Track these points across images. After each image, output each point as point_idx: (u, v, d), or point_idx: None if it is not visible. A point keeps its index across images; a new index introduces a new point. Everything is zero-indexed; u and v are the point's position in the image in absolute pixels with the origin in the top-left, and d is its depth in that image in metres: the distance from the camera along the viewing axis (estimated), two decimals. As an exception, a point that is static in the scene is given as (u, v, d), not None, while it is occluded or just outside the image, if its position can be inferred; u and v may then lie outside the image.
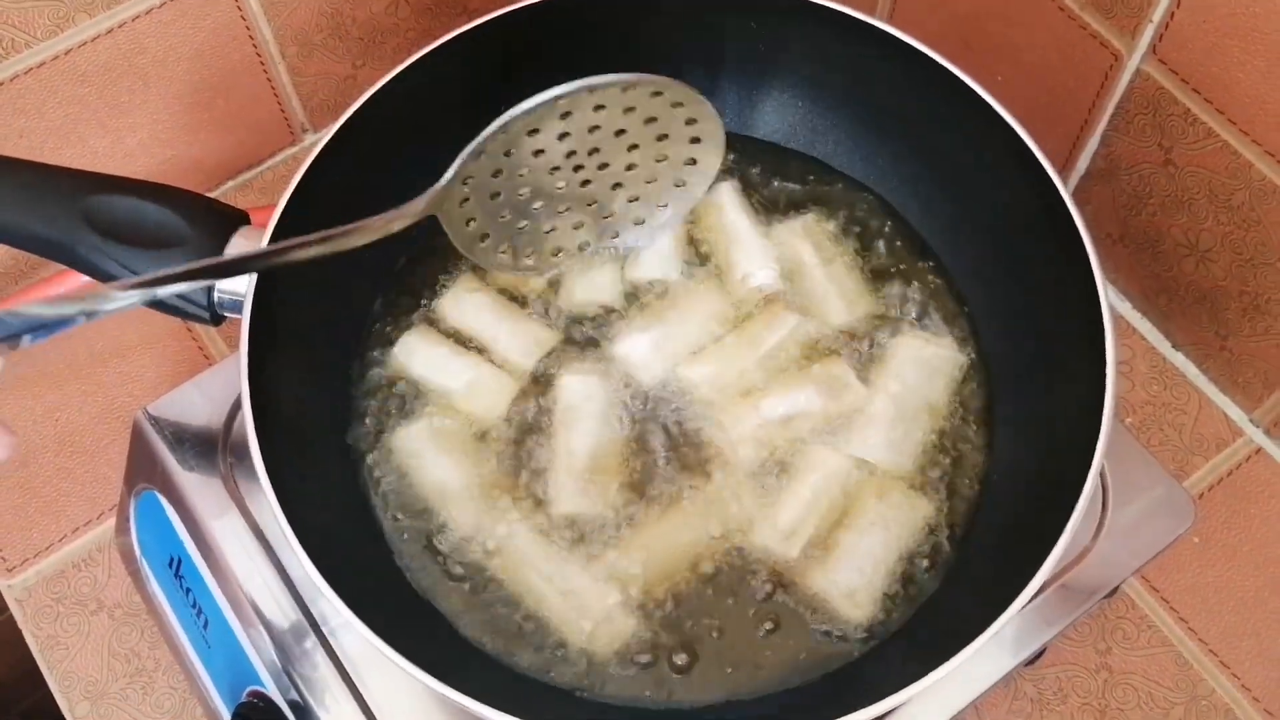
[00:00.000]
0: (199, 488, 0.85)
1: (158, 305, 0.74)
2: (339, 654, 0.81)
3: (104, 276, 0.73)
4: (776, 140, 0.92)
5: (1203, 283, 1.00)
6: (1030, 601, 0.80)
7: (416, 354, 0.85)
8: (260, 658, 0.83)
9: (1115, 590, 0.84)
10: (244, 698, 0.83)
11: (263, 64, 1.05)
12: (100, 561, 0.99)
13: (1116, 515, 0.84)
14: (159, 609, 0.90)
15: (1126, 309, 1.09)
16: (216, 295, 0.75)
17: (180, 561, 0.87)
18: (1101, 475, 0.85)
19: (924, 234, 0.89)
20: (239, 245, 0.75)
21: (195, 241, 0.73)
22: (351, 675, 0.80)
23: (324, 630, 0.81)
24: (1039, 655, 0.96)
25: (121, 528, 0.92)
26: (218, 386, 0.88)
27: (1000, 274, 0.84)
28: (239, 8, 0.99)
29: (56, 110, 0.96)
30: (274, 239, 0.74)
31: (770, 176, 0.91)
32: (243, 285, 0.74)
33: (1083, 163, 1.03)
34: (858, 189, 0.91)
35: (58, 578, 0.98)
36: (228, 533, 0.84)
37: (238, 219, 0.76)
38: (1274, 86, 0.84)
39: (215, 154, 1.09)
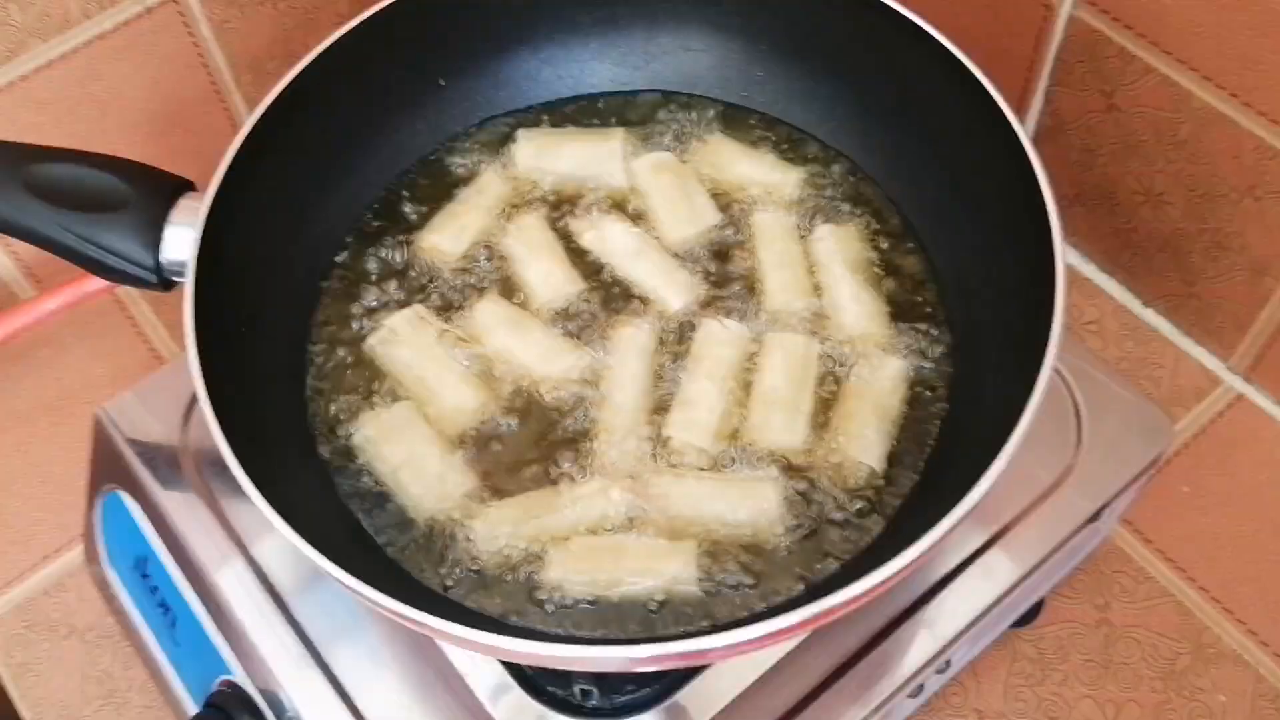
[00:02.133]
0: (162, 481, 0.84)
1: (99, 269, 0.74)
2: (310, 636, 0.79)
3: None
4: (702, 91, 0.93)
5: (1162, 228, 1.00)
6: (1012, 525, 0.80)
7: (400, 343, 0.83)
8: (230, 647, 0.81)
9: (1098, 516, 0.82)
10: (214, 688, 0.81)
11: (218, 93, 1.07)
12: (71, 587, 0.97)
13: (1093, 433, 0.83)
14: (126, 615, 0.88)
15: (1092, 271, 1.08)
16: (163, 257, 0.75)
17: (147, 560, 0.85)
18: (1072, 396, 0.84)
19: (854, 157, 0.89)
20: (185, 209, 0.75)
21: (139, 204, 0.74)
22: (324, 657, 0.78)
23: (293, 613, 0.80)
24: (1035, 614, 0.93)
25: (89, 537, 0.90)
26: (176, 381, 0.88)
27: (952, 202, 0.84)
28: (190, 34, 1.01)
29: (15, 138, 0.97)
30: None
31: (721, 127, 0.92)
32: (186, 251, 0.74)
33: (1030, 124, 1.04)
34: (806, 137, 0.91)
35: (28, 605, 0.96)
36: (193, 523, 0.83)
37: (181, 185, 0.76)
38: (1203, 8, 0.86)
39: (176, 186, 1.10)
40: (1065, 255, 0.69)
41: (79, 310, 1.01)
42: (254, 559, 0.81)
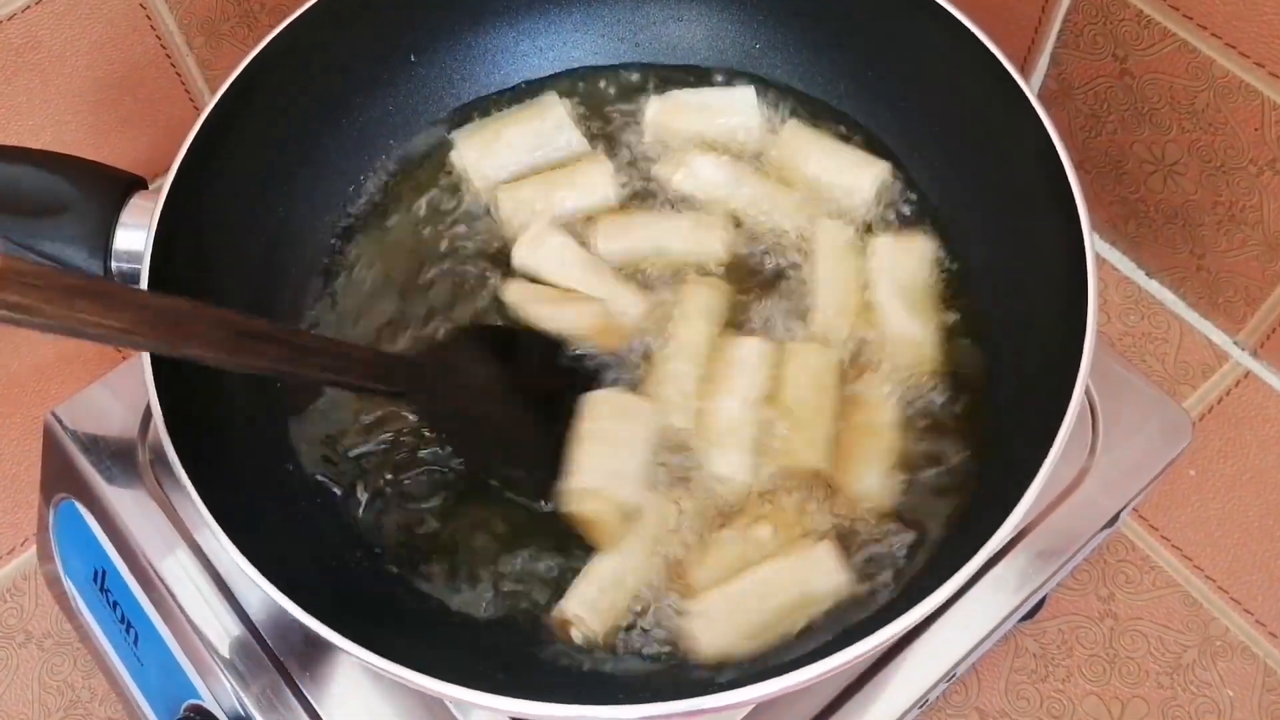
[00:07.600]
0: (118, 491, 0.79)
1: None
2: (280, 657, 0.74)
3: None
4: (697, 62, 0.87)
5: (1173, 199, 0.95)
6: (1026, 532, 0.76)
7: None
8: (196, 669, 0.76)
9: (1116, 519, 0.79)
10: (181, 713, 0.76)
11: (169, 56, 0.99)
12: (26, 590, 0.92)
13: (1109, 435, 0.79)
14: (88, 629, 0.83)
15: (1094, 240, 1.03)
16: (114, 264, 0.69)
17: (105, 574, 0.80)
18: (1088, 395, 0.80)
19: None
20: (136, 209, 0.69)
21: (85, 206, 0.68)
22: (296, 678, 0.74)
23: (262, 632, 0.75)
24: (1038, 608, 0.90)
25: (43, 545, 0.85)
26: (132, 383, 0.82)
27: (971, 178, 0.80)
28: (137, -6, 0.94)
29: (-52, 114, 0.90)
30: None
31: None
32: (139, 257, 0.68)
33: (1034, 86, 0.98)
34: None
35: (-19, 611, 0.91)
36: (152, 536, 0.78)
37: (132, 182, 0.70)
38: (1227, -28, 0.80)
39: (126, 156, 1.03)
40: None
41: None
42: (219, 574, 0.77)
